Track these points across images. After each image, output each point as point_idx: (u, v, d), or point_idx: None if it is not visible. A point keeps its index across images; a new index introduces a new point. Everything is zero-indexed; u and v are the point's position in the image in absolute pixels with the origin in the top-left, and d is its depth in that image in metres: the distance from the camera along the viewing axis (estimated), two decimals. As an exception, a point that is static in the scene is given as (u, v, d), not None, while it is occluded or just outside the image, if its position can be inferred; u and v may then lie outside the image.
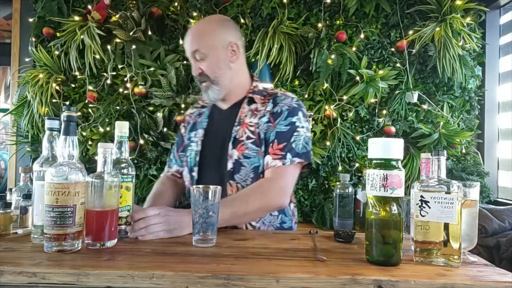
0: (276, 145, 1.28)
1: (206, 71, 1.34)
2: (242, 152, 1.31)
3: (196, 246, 0.98)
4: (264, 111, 1.35)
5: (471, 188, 0.95)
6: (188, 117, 1.58)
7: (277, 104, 1.34)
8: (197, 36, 1.35)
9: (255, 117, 1.35)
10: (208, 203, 0.99)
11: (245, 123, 1.35)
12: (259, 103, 1.38)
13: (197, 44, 1.33)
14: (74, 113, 0.97)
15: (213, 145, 1.40)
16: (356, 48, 2.48)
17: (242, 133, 1.34)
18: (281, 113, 1.32)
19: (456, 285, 0.76)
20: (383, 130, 2.48)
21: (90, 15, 2.48)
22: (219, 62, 1.35)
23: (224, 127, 1.39)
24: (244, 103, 1.40)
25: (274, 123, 1.32)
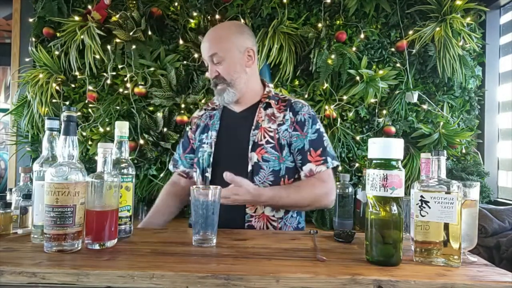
0: (314, 153, 1.37)
1: (223, 74, 1.39)
2: (261, 156, 1.36)
3: (196, 246, 0.98)
4: (283, 119, 1.41)
5: (471, 188, 0.95)
6: (196, 120, 1.59)
7: (297, 113, 1.41)
8: (216, 40, 1.40)
9: (273, 123, 1.41)
10: (208, 203, 0.99)
11: (263, 128, 1.40)
12: (275, 108, 1.44)
13: (215, 47, 1.38)
14: (74, 113, 0.97)
15: (229, 147, 1.43)
16: (356, 48, 2.48)
17: (261, 137, 1.39)
18: (305, 122, 1.40)
19: (456, 285, 0.76)
20: (383, 130, 2.48)
21: (90, 15, 2.48)
22: (236, 65, 1.40)
23: (241, 130, 1.43)
24: (261, 108, 1.45)
25: (303, 132, 1.39)
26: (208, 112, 1.57)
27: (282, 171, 1.37)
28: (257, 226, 1.34)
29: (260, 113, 1.43)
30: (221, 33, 1.43)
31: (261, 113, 1.44)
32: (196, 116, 1.61)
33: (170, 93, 2.51)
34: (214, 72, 1.39)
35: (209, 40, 1.41)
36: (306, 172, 1.37)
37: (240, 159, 1.38)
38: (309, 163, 1.37)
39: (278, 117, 1.42)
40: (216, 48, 1.38)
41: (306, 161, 1.37)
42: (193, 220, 1.00)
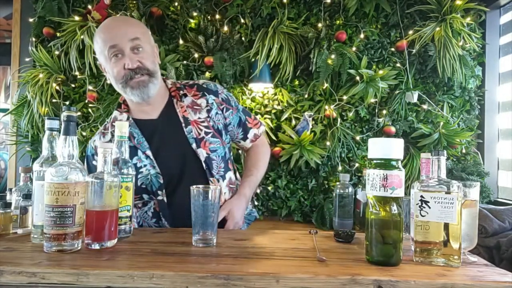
0: (250, 119, 1.46)
1: (146, 63, 1.23)
2: (208, 148, 1.31)
3: (196, 246, 0.98)
4: (208, 104, 1.34)
5: (471, 188, 0.95)
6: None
7: (217, 93, 1.39)
8: (133, 25, 1.26)
9: (200, 112, 1.33)
10: (207, 203, 0.99)
11: (194, 121, 1.31)
12: (191, 96, 1.34)
13: (137, 32, 1.22)
14: (74, 113, 0.97)
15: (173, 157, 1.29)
16: (356, 48, 2.48)
17: (197, 131, 1.30)
18: (229, 97, 1.42)
19: (456, 285, 0.76)
20: (383, 130, 2.48)
21: (90, 15, 2.48)
22: (155, 57, 1.30)
23: (172, 134, 1.30)
24: (179, 102, 1.33)
25: (233, 107, 1.42)
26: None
27: (227, 154, 1.39)
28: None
29: (182, 107, 1.31)
30: (135, 22, 1.33)
31: (183, 106, 1.32)
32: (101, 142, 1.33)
33: (170, 93, 2.50)
34: (136, 62, 1.20)
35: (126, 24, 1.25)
36: (251, 137, 1.47)
37: (190, 163, 1.29)
38: (251, 129, 1.46)
39: (201, 104, 1.34)
40: (138, 33, 1.22)
41: (248, 129, 1.45)
42: (193, 220, 1.00)
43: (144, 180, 1.27)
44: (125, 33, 1.20)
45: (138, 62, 1.21)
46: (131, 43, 1.20)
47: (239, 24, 2.55)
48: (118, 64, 1.21)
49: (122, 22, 1.28)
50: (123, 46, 1.20)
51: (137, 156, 1.28)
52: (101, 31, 1.25)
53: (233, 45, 2.54)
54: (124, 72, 1.21)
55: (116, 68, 1.22)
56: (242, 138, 1.46)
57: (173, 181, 1.29)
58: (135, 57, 1.21)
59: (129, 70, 1.21)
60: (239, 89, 2.56)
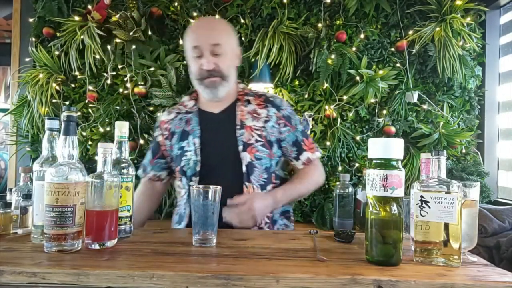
0: (307, 141, 1.46)
1: (222, 67, 1.35)
2: (253, 154, 1.36)
3: (196, 246, 0.98)
4: (268, 116, 1.42)
5: (471, 188, 0.95)
6: (167, 124, 1.49)
7: (280, 108, 1.44)
8: (220, 30, 1.38)
9: (257, 121, 1.41)
10: (208, 203, 0.99)
11: (249, 126, 1.39)
12: (255, 104, 1.44)
13: (220, 38, 1.34)
14: (74, 113, 0.97)
15: (217, 152, 1.38)
16: (356, 48, 2.48)
17: (249, 136, 1.37)
18: (291, 116, 1.46)
19: (456, 285, 0.76)
20: (383, 130, 2.48)
21: (90, 15, 2.48)
22: (232, 62, 1.41)
23: (224, 132, 1.40)
24: (241, 106, 1.43)
25: (292, 126, 1.44)
26: (182, 116, 1.48)
27: (273, 167, 1.41)
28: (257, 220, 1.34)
29: (242, 111, 1.41)
30: (223, 27, 1.41)
31: (243, 110, 1.41)
32: (165, 120, 1.50)
33: (170, 93, 2.50)
34: (212, 64, 1.33)
35: (211, 28, 1.37)
36: (304, 160, 1.45)
37: (231, 161, 1.35)
38: (305, 151, 1.45)
39: (261, 114, 1.42)
40: (221, 40, 1.34)
41: (302, 151, 1.45)
42: (193, 220, 1.00)
43: (185, 163, 1.39)
44: (209, 37, 1.33)
45: (214, 65, 1.33)
46: (212, 47, 1.32)
47: (239, 24, 2.55)
48: (196, 63, 1.35)
49: (209, 26, 1.40)
50: (204, 49, 1.33)
51: (187, 140, 1.41)
52: (191, 29, 1.41)
53: (233, 45, 2.54)
54: (200, 71, 1.35)
55: (194, 66, 1.36)
56: (294, 158, 1.46)
57: (209, 173, 1.36)
58: (213, 60, 1.33)
59: (205, 70, 1.33)
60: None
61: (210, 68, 1.33)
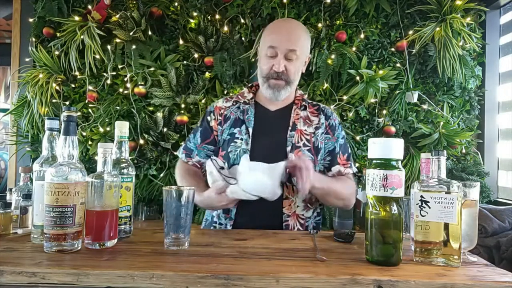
0: (342, 156, 1.47)
1: (290, 72, 1.38)
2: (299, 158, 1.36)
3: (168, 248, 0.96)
4: (319, 123, 1.47)
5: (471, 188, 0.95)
6: (223, 110, 1.50)
7: (329, 118, 1.49)
8: (298, 37, 1.40)
9: (309, 126, 1.45)
10: (181, 203, 0.96)
11: (300, 130, 1.43)
12: (309, 112, 1.49)
13: (297, 45, 1.38)
14: (74, 113, 0.97)
15: (266, 146, 1.40)
16: (356, 48, 2.48)
17: (298, 139, 1.41)
18: (336, 127, 1.49)
19: (456, 285, 0.76)
20: (383, 130, 2.48)
21: (90, 15, 2.48)
22: (300, 67, 1.44)
23: (276, 130, 1.43)
24: (297, 109, 1.47)
25: (333, 136, 1.47)
26: (240, 105, 1.50)
27: None
28: (291, 224, 1.36)
29: (297, 114, 1.46)
30: (302, 33, 1.43)
31: (299, 114, 1.47)
32: (222, 106, 1.52)
33: (170, 93, 2.50)
34: (282, 67, 1.37)
35: (293, 33, 1.39)
36: (335, 172, 1.45)
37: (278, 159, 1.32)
38: (338, 164, 1.45)
39: (313, 121, 1.47)
40: (297, 46, 1.37)
41: (335, 163, 1.46)
42: (165, 221, 0.98)
43: (233, 149, 1.40)
44: (288, 41, 1.36)
45: (284, 68, 1.37)
46: (287, 51, 1.36)
47: (239, 24, 2.55)
48: (268, 62, 1.39)
49: (290, 30, 1.40)
50: (280, 51, 1.36)
51: (239, 128, 1.44)
52: (271, 30, 1.43)
53: (233, 45, 2.54)
54: (270, 71, 1.39)
55: (266, 65, 1.40)
56: (326, 168, 1.47)
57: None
58: (284, 63, 1.37)
59: (274, 71, 1.38)
60: (239, 89, 2.56)
61: (280, 70, 1.37)
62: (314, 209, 1.45)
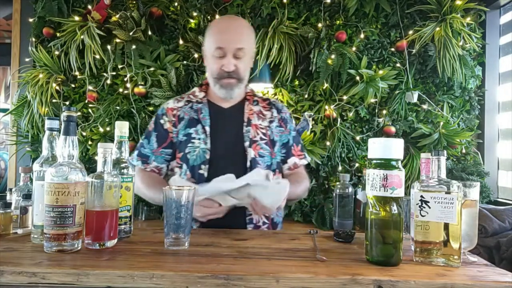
0: (296, 147, 1.53)
1: (240, 70, 1.40)
2: (257, 151, 1.41)
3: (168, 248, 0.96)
4: (272, 117, 1.50)
5: (471, 188, 0.95)
6: (175, 111, 1.48)
7: (280, 111, 1.53)
8: (245, 35, 1.42)
9: (263, 120, 1.48)
10: (181, 203, 0.96)
11: (255, 125, 1.45)
12: (261, 106, 1.51)
13: (244, 43, 1.40)
14: (74, 113, 0.97)
15: (224, 143, 1.42)
16: (356, 48, 2.48)
17: (254, 133, 1.44)
18: (287, 120, 1.53)
19: (456, 285, 0.76)
20: (383, 130, 2.48)
21: (90, 15, 2.48)
22: (249, 64, 1.46)
23: (231, 126, 1.45)
24: (250, 105, 1.49)
25: (286, 129, 1.52)
26: (193, 105, 1.48)
27: (273, 165, 1.45)
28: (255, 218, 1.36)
29: (250, 110, 1.48)
30: (248, 31, 1.45)
31: (252, 109, 1.48)
32: (174, 107, 1.49)
33: (170, 93, 2.50)
34: (232, 66, 1.38)
35: (239, 31, 1.41)
36: (291, 164, 1.51)
37: (237, 155, 1.40)
38: (293, 156, 1.51)
39: (266, 115, 1.50)
40: (244, 43, 1.39)
41: (290, 155, 1.51)
42: (165, 221, 0.97)
43: (191, 150, 1.41)
44: (235, 41, 1.37)
45: (235, 67, 1.38)
46: (236, 51, 1.37)
47: (239, 24, 2.55)
48: (218, 63, 1.39)
49: (236, 29, 1.41)
50: (228, 51, 1.37)
51: (195, 128, 1.43)
52: (216, 30, 1.42)
53: (233, 45, 2.54)
54: (220, 71, 1.39)
55: (215, 66, 1.40)
56: (282, 161, 1.51)
57: (217, 163, 1.39)
58: (233, 62, 1.38)
59: (225, 71, 1.38)
60: (239, 89, 2.56)
61: (231, 69, 1.38)
62: None
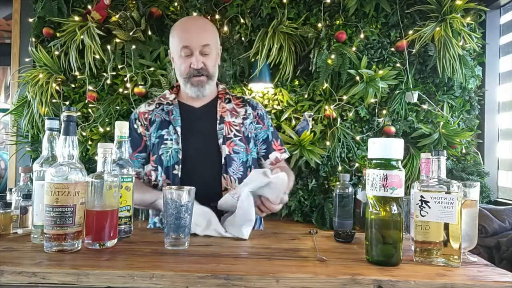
0: (276, 142, 1.57)
1: (208, 66, 1.42)
2: (232, 148, 1.43)
3: (168, 248, 0.96)
4: (245, 114, 1.52)
5: (471, 188, 0.95)
6: (147, 115, 1.49)
7: (256, 108, 1.56)
8: (209, 31, 1.45)
9: (236, 117, 1.50)
10: (181, 203, 0.96)
11: (228, 122, 1.47)
12: (234, 104, 1.54)
13: (209, 39, 1.42)
14: (74, 113, 0.97)
15: (197, 142, 1.43)
16: (356, 48, 2.48)
17: (228, 130, 1.46)
18: (264, 116, 1.57)
19: (456, 285, 0.76)
20: (383, 130, 2.48)
21: (90, 15, 2.47)
22: (217, 60, 1.48)
23: (204, 125, 1.47)
24: (223, 103, 1.51)
25: (264, 125, 1.55)
26: (164, 107, 1.49)
27: (249, 161, 1.48)
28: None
29: (223, 107, 1.50)
30: (209, 27, 1.47)
31: (224, 107, 1.50)
32: (145, 111, 1.51)
33: (170, 93, 2.50)
34: (200, 63, 1.40)
35: (203, 28, 1.43)
36: (272, 159, 1.56)
37: (211, 153, 1.42)
38: (274, 151, 1.56)
39: (240, 112, 1.52)
40: (210, 40, 1.41)
41: (271, 150, 1.56)
42: (165, 222, 0.98)
43: (164, 151, 1.42)
44: (199, 38, 1.39)
45: (203, 64, 1.41)
46: (202, 47, 1.40)
47: (239, 24, 2.55)
48: (186, 62, 1.41)
49: (199, 27, 1.44)
50: (194, 49, 1.39)
51: (167, 129, 1.45)
52: (180, 30, 1.44)
53: (233, 45, 2.54)
54: (189, 70, 1.41)
55: (183, 65, 1.42)
56: (263, 156, 1.56)
57: (191, 162, 1.40)
58: (201, 59, 1.40)
59: (194, 69, 1.40)
60: (239, 89, 2.56)
61: (199, 66, 1.40)
62: None
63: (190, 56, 1.40)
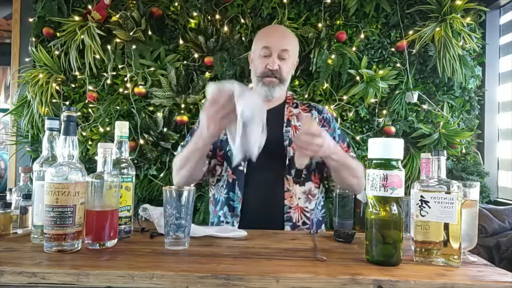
0: (343, 144, 1.54)
1: (283, 71, 1.46)
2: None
3: (168, 248, 0.96)
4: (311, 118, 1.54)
5: (471, 188, 0.95)
6: None
7: (322, 112, 1.58)
8: (290, 38, 1.52)
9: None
10: (181, 203, 0.96)
11: (294, 126, 1.50)
12: (301, 109, 1.57)
13: (290, 45, 1.48)
14: (74, 113, 0.97)
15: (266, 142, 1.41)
16: (356, 48, 2.48)
17: (293, 133, 1.48)
18: (330, 119, 1.58)
19: (456, 285, 0.76)
20: (383, 130, 2.48)
21: (90, 15, 2.48)
22: (291, 68, 1.53)
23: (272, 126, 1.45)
24: (290, 107, 1.55)
25: (330, 127, 1.55)
26: None
27: (313, 165, 1.48)
28: (294, 217, 1.40)
29: (290, 112, 1.53)
30: (293, 37, 1.55)
31: (291, 112, 1.53)
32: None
33: (170, 93, 2.51)
34: (276, 65, 1.44)
35: (285, 35, 1.51)
36: None
37: (276, 154, 1.43)
38: None
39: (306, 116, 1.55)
40: (290, 46, 1.47)
41: None
42: (165, 222, 0.98)
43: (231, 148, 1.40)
44: (280, 42, 1.46)
45: (278, 66, 1.45)
46: (280, 51, 1.44)
47: (239, 24, 2.55)
48: (263, 62, 1.46)
49: (282, 33, 1.54)
50: (273, 50, 1.45)
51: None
52: (263, 33, 1.56)
53: (233, 45, 2.54)
54: (265, 69, 1.46)
55: (261, 65, 1.47)
56: None
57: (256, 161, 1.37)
58: (278, 62, 1.45)
59: (269, 69, 1.45)
60: (239, 89, 2.56)
61: (274, 68, 1.44)
62: (317, 201, 1.51)
63: (268, 57, 1.45)
